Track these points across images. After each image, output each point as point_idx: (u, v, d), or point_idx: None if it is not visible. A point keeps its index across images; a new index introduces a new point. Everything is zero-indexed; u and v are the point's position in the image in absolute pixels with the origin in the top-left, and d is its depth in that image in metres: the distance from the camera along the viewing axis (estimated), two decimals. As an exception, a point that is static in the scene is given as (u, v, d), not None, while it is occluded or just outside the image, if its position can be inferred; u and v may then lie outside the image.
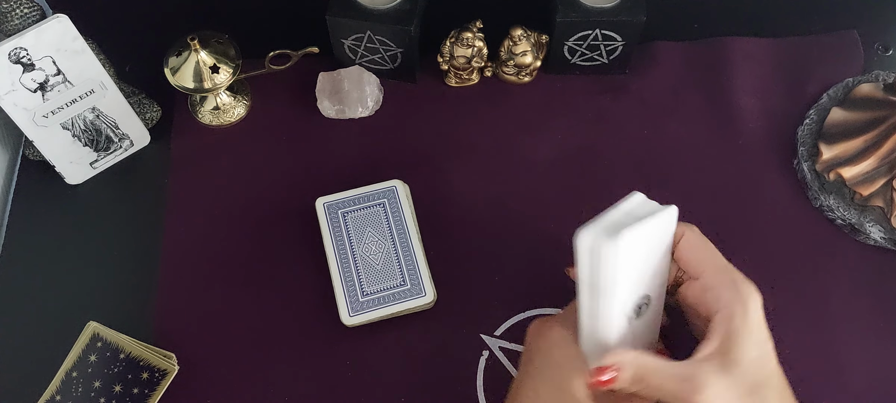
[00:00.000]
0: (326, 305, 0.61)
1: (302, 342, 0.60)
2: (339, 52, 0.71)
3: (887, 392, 0.58)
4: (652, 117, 0.71)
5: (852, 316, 0.61)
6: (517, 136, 0.70)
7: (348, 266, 0.61)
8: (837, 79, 0.71)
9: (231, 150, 0.69)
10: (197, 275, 0.63)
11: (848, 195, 0.64)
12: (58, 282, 0.63)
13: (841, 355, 0.59)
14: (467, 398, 0.58)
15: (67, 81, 0.61)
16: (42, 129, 0.62)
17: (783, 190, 0.67)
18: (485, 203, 0.66)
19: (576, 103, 0.71)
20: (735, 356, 0.44)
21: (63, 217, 0.66)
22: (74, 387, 0.57)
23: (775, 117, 0.70)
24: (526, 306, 0.61)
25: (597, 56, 0.71)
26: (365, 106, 0.69)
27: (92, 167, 0.68)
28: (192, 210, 0.66)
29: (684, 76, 0.73)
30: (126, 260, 0.64)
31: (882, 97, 0.67)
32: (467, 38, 0.68)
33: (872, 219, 0.63)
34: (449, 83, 0.72)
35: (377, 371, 0.59)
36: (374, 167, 0.68)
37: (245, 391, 0.58)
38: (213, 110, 0.70)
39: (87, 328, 0.59)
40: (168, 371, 0.58)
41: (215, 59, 0.66)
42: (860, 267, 0.63)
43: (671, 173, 0.68)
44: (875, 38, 0.75)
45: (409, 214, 0.63)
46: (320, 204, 0.64)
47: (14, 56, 0.57)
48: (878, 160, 0.64)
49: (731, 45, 0.74)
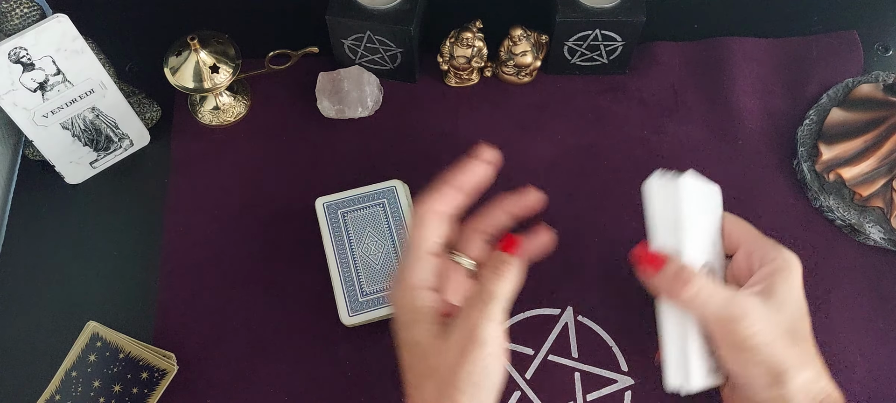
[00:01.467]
0: (326, 305, 0.61)
1: (302, 342, 0.60)
2: (339, 52, 0.71)
3: (887, 392, 0.58)
4: (652, 117, 0.71)
5: (852, 316, 0.61)
6: (517, 136, 0.70)
7: (348, 266, 0.61)
8: (837, 80, 0.71)
9: (231, 150, 0.69)
10: (197, 275, 0.63)
11: (848, 195, 0.64)
12: (58, 282, 0.63)
13: (841, 355, 0.59)
14: (467, 398, 0.58)
15: (67, 81, 0.61)
16: (42, 129, 0.62)
17: (783, 190, 0.67)
18: (484, 202, 0.66)
19: (576, 103, 0.71)
20: (778, 297, 0.47)
21: (63, 217, 0.66)
22: (74, 387, 0.57)
23: (775, 117, 0.70)
24: (525, 306, 0.61)
25: (597, 56, 0.71)
26: (365, 106, 0.69)
27: (92, 167, 0.68)
28: (192, 210, 0.66)
29: (684, 76, 0.73)
30: (126, 260, 0.64)
31: (882, 97, 0.67)
32: (467, 38, 0.68)
33: (872, 220, 0.63)
34: (449, 83, 0.72)
35: (377, 371, 0.59)
36: (373, 167, 0.68)
37: (245, 391, 0.58)
38: (213, 110, 0.70)
39: (86, 328, 0.59)
40: (168, 370, 0.58)
41: (215, 59, 0.66)
42: (860, 267, 0.63)
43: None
44: (875, 38, 0.75)
45: (408, 214, 0.63)
46: (320, 204, 0.64)
47: (14, 56, 0.57)
48: (877, 160, 0.64)
49: (731, 45, 0.74)
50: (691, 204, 0.49)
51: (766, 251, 0.49)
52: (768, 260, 0.48)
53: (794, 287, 0.48)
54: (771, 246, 0.49)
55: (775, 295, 0.47)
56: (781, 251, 0.49)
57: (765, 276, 0.48)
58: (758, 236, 0.51)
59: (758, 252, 0.49)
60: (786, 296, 0.47)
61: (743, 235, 0.51)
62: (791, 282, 0.48)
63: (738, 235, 0.52)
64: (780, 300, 0.47)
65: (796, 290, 0.48)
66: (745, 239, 0.51)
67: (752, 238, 0.51)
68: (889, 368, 0.59)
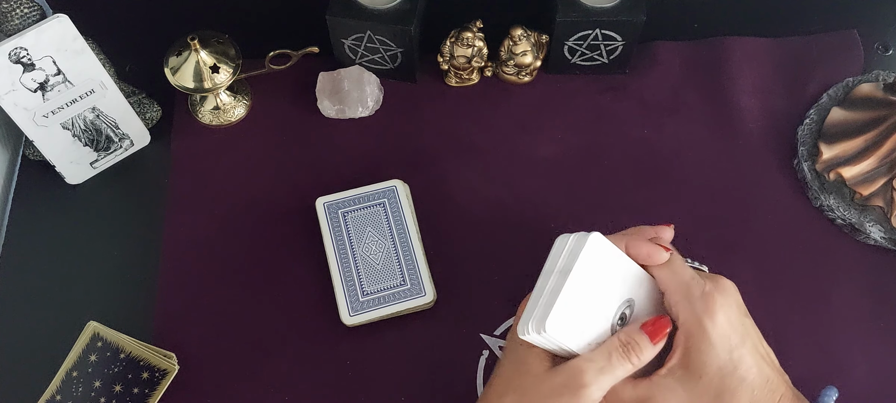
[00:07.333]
0: (326, 305, 0.61)
1: (302, 342, 0.60)
2: (339, 52, 0.71)
3: (887, 392, 0.58)
4: (652, 117, 0.71)
5: (852, 316, 0.61)
6: (517, 136, 0.70)
7: (348, 266, 0.61)
8: (837, 79, 0.71)
9: (231, 150, 0.69)
10: (197, 275, 0.63)
11: (848, 195, 0.64)
12: (58, 282, 0.63)
13: (841, 355, 0.59)
14: (467, 398, 0.58)
15: (67, 81, 0.61)
16: (42, 129, 0.62)
17: (783, 190, 0.67)
18: (485, 202, 0.66)
19: (576, 103, 0.71)
20: (694, 367, 0.45)
21: (63, 217, 0.66)
22: (75, 387, 0.57)
23: (775, 117, 0.70)
24: (526, 306, 0.61)
25: (597, 56, 0.71)
26: (365, 106, 0.69)
27: (92, 167, 0.68)
28: (192, 210, 0.66)
29: (684, 76, 0.73)
30: (126, 260, 0.64)
31: (882, 97, 0.67)
32: (467, 38, 0.68)
33: (872, 219, 0.63)
34: (449, 83, 0.72)
35: (377, 371, 0.59)
36: (374, 167, 0.68)
37: (245, 391, 0.59)
38: (213, 110, 0.71)
39: (87, 328, 0.59)
40: (168, 370, 0.58)
41: (215, 59, 0.66)
42: (860, 267, 0.63)
43: (671, 173, 0.68)
44: (875, 38, 0.75)
45: (409, 214, 0.63)
46: (320, 204, 0.64)
47: (14, 56, 0.57)
48: (878, 160, 0.64)
49: (731, 45, 0.74)
50: (587, 259, 0.46)
51: (679, 309, 0.46)
52: (681, 320, 0.46)
53: (714, 343, 0.45)
54: (683, 301, 0.46)
55: (690, 364, 0.45)
56: (692, 308, 0.46)
57: (679, 344, 0.46)
58: (677, 284, 0.47)
59: (673, 307, 0.47)
60: (701, 362, 0.45)
61: (663, 281, 0.48)
62: (703, 347, 0.45)
63: (661, 281, 0.48)
64: (696, 368, 0.45)
65: (717, 346, 0.45)
66: (665, 285, 0.48)
67: (671, 286, 0.47)
68: (889, 368, 0.59)
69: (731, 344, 0.45)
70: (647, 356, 0.46)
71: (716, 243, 0.64)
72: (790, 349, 0.59)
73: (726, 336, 0.45)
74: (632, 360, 0.45)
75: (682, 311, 0.46)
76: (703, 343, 0.45)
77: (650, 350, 0.46)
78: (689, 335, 0.45)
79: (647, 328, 0.46)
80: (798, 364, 0.58)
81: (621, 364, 0.45)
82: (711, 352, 0.45)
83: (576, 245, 0.47)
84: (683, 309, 0.46)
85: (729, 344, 0.45)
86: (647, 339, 0.46)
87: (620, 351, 0.45)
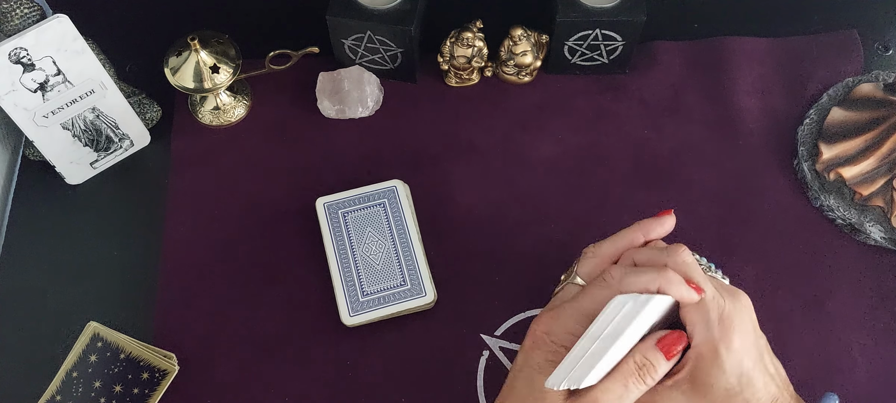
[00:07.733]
0: (326, 305, 0.61)
1: (302, 342, 0.60)
2: (339, 52, 0.71)
3: (887, 393, 0.58)
4: (652, 117, 0.71)
5: (852, 316, 0.61)
6: (517, 136, 0.70)
7: (348, 266, 0.61)
8: (837, 79, 0.71)
9: (231, 150, 0.69)
10: (197, 275, 0.63)
11: (848, 195, 0.64)
12: (58, 282, 0.63)
13: (841, 355, 0.59)
14: (467, 398, 0.58)
15: (67, 81, 0.61)
16: (42, 129, 0.62)
17: (783, 190, 0.67)
18: (485, 203, 0.66)
19: (576, 103, 0.71)
20: (700, 384, 0.45)
21: (63, 217, 0.66)
22: (75, 387, 0.57)
23: (775, 117, 0.70)
24: (526, 306, 0.61)
25: (597, 56, 0.71)
26: (365, 106, 0.69)
27: (92, 167, 0.68)
28: (192, 210, 0.66)
29: (684, 76, 0.73)
30: (126, 260, 0.64)
31: (882, 97, 0.67)
32: (467, 38, 0.68)
33: (872, 219, 0.63)
34: (449, 83, 0.72)
35: (377, 372, 0.59)
36: (374, 167, 0.68)
37: (245, 391, 0.59)
38: (213, 110, 0.70)
39: (87, 328, 0.60)
40: (168, 371, 0.58)
41: (215, 59, 0.66)
42: (860, 267, 0.63)
43: (671, 173, 0.68)
44: (875, 38, 0.75)
45: (409, 214, 0.63)
46: (320, 204, 0.64)
47: (14, 56, 0.57)
48: (878, 160, 0.64)
49: (731, 45, 0.74)
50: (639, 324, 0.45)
51: (695, 330, 0.46)
52: (695, 342, 0.46)
53: (720, 374, 0.45)
54: (700, 326, 0.46)
55: (697, 382, 0.45)
56: (709, 332, 0.45)
57: (690, 360, 0.46)
58: (694, 308, 0.46)
59: (689, 326, 0.46)
60: (709, 384, 0.45)
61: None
62: (714, 370, 0.45)
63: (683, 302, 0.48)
64: (703, 387, 0.45)
65: (722, 378, 0.45)
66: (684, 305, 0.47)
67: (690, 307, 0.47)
68: (889, 368, 0.59)
69: (741, 369, 0.45)
70: (662, 372, 0.45)
71: (716, 243, 0.64)
72: (790, 349, 0.59)
73: (739, 361, 0.45)
74: (646, 382, 0.45)
75: (699, 333, 0.46)
76: (714, 368, 0.45)
77: (665, 367, 0.45)
78: (701, 356, 0.45)
79: (661, 344, 0.45)
80: (798, 365, 0.58)
81: (637, 388, 0.45)
82: (721, 376, 0.45)
83: (632, 309, 0.45)
84: (700, 332, 0.46)
85: (740, 369, 0.45)
86: (662, 357, 0.45)
87: (636, 375, 0.45)
